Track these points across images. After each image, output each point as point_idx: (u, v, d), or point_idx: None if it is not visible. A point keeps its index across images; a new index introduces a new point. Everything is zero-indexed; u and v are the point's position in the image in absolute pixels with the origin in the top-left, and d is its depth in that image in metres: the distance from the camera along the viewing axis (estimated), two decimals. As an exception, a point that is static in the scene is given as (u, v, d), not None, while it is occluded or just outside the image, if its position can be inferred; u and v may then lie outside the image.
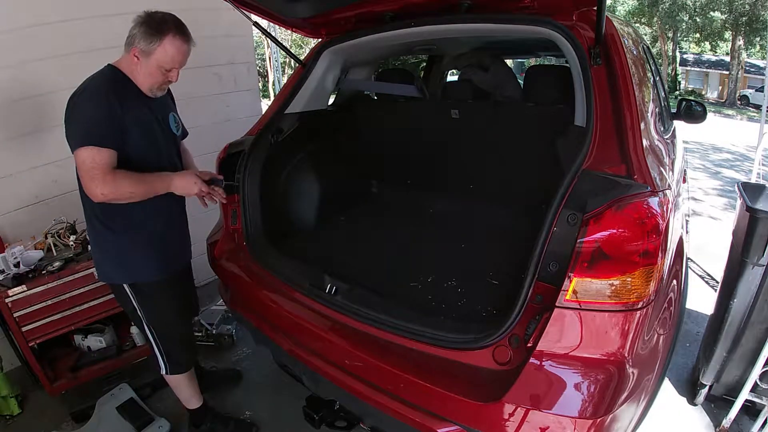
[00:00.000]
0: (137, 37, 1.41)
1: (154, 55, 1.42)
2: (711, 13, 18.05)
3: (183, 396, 1.82)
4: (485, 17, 1.56)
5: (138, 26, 1.41)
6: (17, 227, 2.20)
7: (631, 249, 1.02)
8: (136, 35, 1.41)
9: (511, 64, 5.97)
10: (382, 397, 1.27)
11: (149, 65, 1.44)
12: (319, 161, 2.18)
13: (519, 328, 1.12)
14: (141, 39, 1.40)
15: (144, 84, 1.48)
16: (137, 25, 1.41)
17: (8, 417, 2.01)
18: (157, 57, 1.42)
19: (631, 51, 1.50)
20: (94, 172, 1.34)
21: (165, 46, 1.41)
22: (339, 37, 1.92)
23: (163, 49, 1.41)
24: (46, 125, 2.24)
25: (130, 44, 1.43)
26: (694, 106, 2.30)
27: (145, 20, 1.41)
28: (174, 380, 1.77)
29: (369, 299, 1.43)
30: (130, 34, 1.43)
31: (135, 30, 1.41)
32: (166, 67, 1.45)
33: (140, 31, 1.40)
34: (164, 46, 1.41)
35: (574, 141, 1.25)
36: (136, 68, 1.45)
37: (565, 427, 1.01)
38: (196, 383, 1.83)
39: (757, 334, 1.70)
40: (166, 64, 1.44)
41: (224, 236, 1.90)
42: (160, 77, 1.47)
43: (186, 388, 1.79)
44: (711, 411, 1.95)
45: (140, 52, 1.42)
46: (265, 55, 16.11)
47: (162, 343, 1.67)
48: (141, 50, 1.41)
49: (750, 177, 4.42)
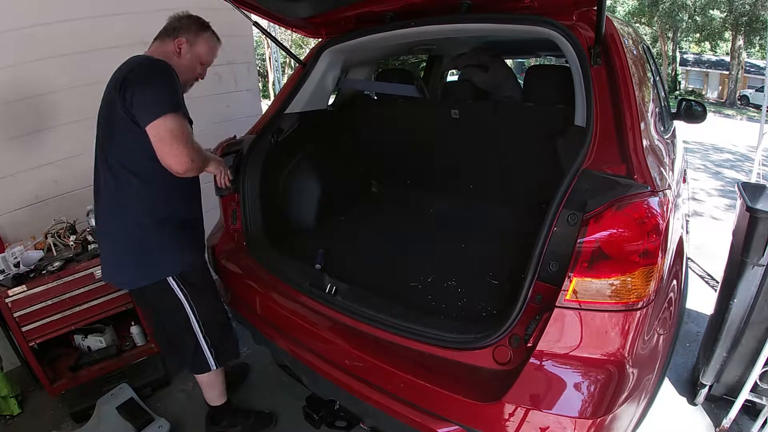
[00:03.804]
0: (182, 29, 1.50)
1: (197, 48, 1.53)
2: (711, 11, 18.05)
3: (214, 394, 1.79)
4: (485, 17, 1.56)
5: (181, 20, 1.52)
6: (17, 227, 2.21)
7: (631, 249, 1.02)
8: (182, 27, 1.50)
9: (511, 64, 5.97)
10: (382, 397, 1.27)
11: (191, 57, 1.53)
12: (319, 161, 2.18)
13: (519, 328, 1.12)
14: (187, 31, 1.50)
15: (182, 78, 1.49)
16: (179, 18, 1.52)
17: (8, 417, 2.01)
18: (199, 49, 1.53)
19: (631, 51, 1.50)
20: (185, 138, 1.35)
21: (208, 41, 1.55)
22: (339, 37, 1.92)
23: (206, 43, 1.55)
24: (46, 125, 2.25)
25: (172, 35, 1.50)
26: (694, 106, 2.30)
27: (189, 16, 1.54)
28: (208, 378, 1.73)
29: (369, 299, 1.42)
30: (173, 27, 1.51)
31: (179, 23, 1.51)
32: (203, 60, 1.56)
33: (185, 24, 1.51)
34: (207, 40, 1.55)
35: (574, 141, 1.25)
36: (176, 61, 1.49)
37: (565, 426, 1.01)
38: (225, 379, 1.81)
39: (757, 334, 1.70)
40: (204, 58, 1.56)
41: (224, 236, 1.90)
42: (196, 71, 1.57)
43: (218, 385, 1.78)
44: (711, 411, 1.95)
45: (185, 43, 1.50)
46: (265, 55, 16.13)
47: (210, 337, 1.65)
48: (187, 40, 1.50)
49: (750, 177, 4.42)
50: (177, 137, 1.33)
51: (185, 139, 1.34)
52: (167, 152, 1.33)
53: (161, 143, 1.33)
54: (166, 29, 1.52)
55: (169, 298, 1.57)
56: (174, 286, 1.55)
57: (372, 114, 2.50)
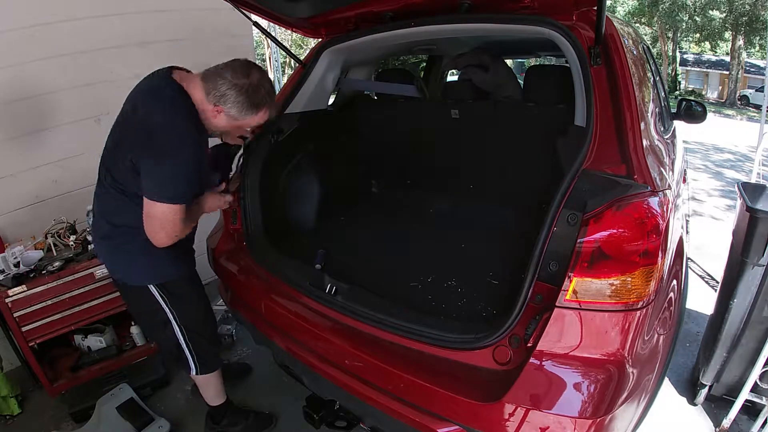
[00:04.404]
0: (230, 102, 1.33)
1: (242, 122, 1.41)
2: (711, 11, 18.05)
3: (210, 394, 1.80)
4: (485, 17, 1.55)
5: (234, 90, 1.32)
6: (17, 227, 2.21)
7: (631, 249, 1.02)
8: (230, 100, 1.33)
9: (511, 64, 5.97)
10: (382, 397, 1.27)
11: (232, 125, 1.42)
12: (319, 161, 2.18)
13: (519, 328, 1.12)
14: (234, 107, 1.34)
15: (213, 129, 1.44)
16: (233, 88, 1.32)
17: (8, 417, 2.01)
18: (244, 122, 1.42)
19: (631, 51, 1.50)
20: (170, 227, 1.33)
21: (256, 118, 1.41)
22: (339, 37, 1.92)
23: (254, 120, 1.41)
24: (46, 125, 2.25)
25: (218, 102, 1.34)
26: (694, 106, 2.30)
27: (245, 89, 1.33)
28: (203, 379, 1.75)
29: (369, 299, 1.42)
30: (219, 92, 1.32)
31: (230, 92, 1.32)
32: (246, 127, 1.46)
33: (237, 99, 1.33)
34: (256, 118, 1.41)
35: (574, 141, 1.25)
36: (213, 117, 1.37)
37: (565, 426, 1.01)
38: (222, 380, 1.82)
39: (757, 334, 1.70)
40: (250, 126, 1.46)
41: (224, 236, 1.90)
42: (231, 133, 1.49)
43: (215, 385, 1.78)
44: (711, 411, 1.95)
45: (227, 116, 1.36)
46: (265, 55, 16.11)
47: (193, 344, 1.64)
48: (230, 116, 1.36)
49: (750, 177, 4.42)
50: (163, 226, 1.32)
51: (171, 228, 1.33)
52: (149, 229, 1.34)
53: (148, 218, 1.33)
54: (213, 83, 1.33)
55: (151, 304, 1.57)
56: (156, 293, 1.55)
57: (372, 114, 2.50)
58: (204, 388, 1.79)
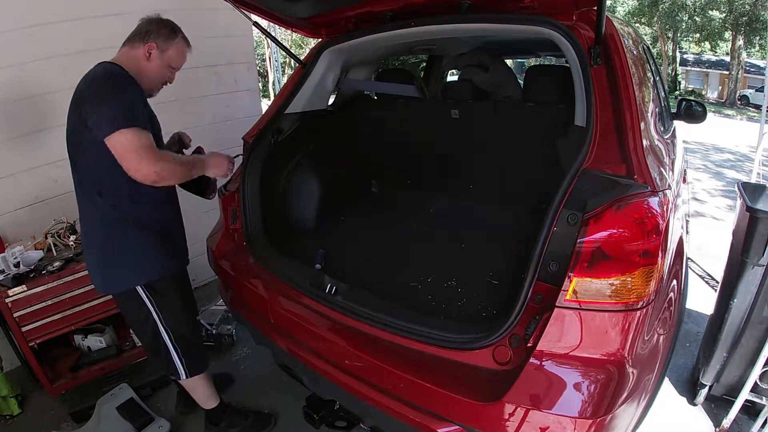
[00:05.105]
0: (152, 33, 1.48)
1: (168, 52, 1.52)
2: (711, 11, 18.04)
3: (201, 397, 1.79)
4: (485, 17, 1.55)
5: (152, 24, 1.49)
6: (17, 227, 2.20)
7: (631, 249, 1.02)
8: (152, 32, 1.48)
9: (511, 64, 5.97)
10: (382, 397, 1.27)
11: (162, 62, 1.51)
12: (319, 161, 2.18)
13: (519, 328, 1.12)
14: (158, 35, 1.49)
15: (150, 82, 1.52)
16: (151, 23, 1.50)
17: (8, 417, 2.01)
18: (170, 54, 1.52)
19: (631, 51, 1.50)
20: (143, 152, 1.32)
21: (178, 45, 1.54)
22: (339, 37, 1.92)
23: (176, 48, 1.53)
24: (46, 125, 2.24)
25: (144, 39, 1.48)
26: (694, 106, 2.29)
27: (161, 20, 1.52)
28: (192, 383, 1.74)
29: (369, 299, 1.42)
30: (143, 30, 1.49)
31: (149, 27, 1.49)
32: (173, 65, 1.55)
33: (156, 28, 1.49)
34: (177, 45, 1.53)
35: (574, 141, 1.25)
36: (145, 65, 1.49)
37: (565, 426, 1.01)
38: (212, 382, 1.81)
39: (757, 334, 1.70)
40: (174, 62, 1.55)
41: (224, 236, 1.90)
42: (165, 75, 1.56)
43: (204, 388, 1.78)
44: (711, 411, 1.95)
45: (157, 47, 1.49)
46: (265, 55, 16.12)
47: (180, 347, 1.64)
48: (158, 45, 1.48)
49: (751, 177, 4.42)
50: (133, 151, 1.31)
51: (143, 152, 1.32)
52: (128, 167, 1.33)
53: (120, 159, 1.33)
54: (136, 33, 1.50)
55: (138, 306, 1.56)
56: (143, 294, 1.55)
57: (372, 114, 2.50)
58: (193, 392, 1.78)
